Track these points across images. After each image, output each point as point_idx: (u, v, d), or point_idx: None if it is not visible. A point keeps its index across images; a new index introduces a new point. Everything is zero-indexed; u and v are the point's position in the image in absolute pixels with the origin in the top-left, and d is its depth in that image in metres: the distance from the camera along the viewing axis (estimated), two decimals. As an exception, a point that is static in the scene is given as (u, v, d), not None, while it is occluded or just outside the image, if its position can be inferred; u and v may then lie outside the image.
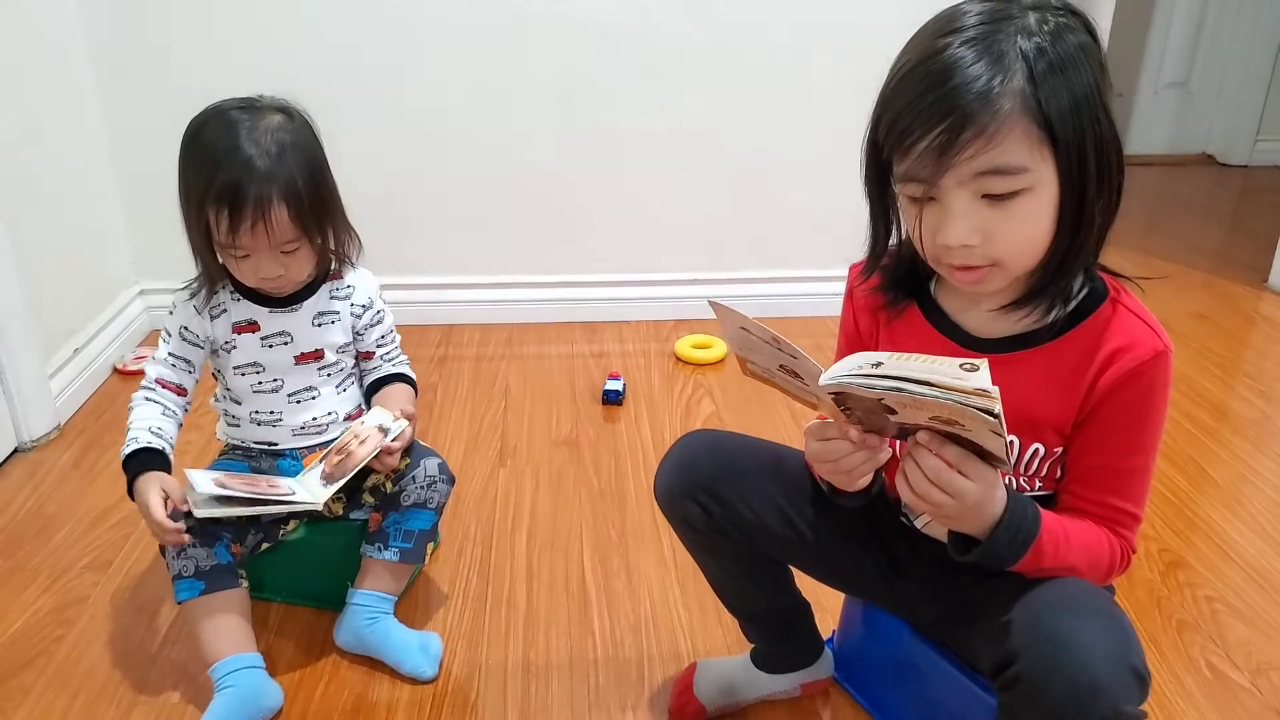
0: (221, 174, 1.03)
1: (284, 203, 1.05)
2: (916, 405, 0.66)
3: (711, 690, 1.08)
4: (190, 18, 1.89)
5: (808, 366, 0.71)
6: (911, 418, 0.68)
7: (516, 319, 2.15)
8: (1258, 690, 1.13)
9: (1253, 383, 1.91)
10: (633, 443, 1.66)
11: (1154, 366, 0.75)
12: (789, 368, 0.73)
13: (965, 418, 0.64)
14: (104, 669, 1.16)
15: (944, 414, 0.65)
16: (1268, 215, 2.81)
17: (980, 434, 0.66)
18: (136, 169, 1.98)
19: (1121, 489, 0.79)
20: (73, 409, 1.75)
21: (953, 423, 0.66)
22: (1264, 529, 1.44)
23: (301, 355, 1.18)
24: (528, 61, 1.97)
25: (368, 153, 1.95)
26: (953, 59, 0.69)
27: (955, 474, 0.69)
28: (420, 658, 1.14)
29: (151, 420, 1.13)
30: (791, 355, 0.71)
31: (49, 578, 1.32)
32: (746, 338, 0.75)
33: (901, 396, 0.65)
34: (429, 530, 1.18)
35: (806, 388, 0.74)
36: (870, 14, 1.94)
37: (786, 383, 0.77)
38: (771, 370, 0.77)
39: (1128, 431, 0.77)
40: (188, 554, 1.08)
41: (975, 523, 0.73)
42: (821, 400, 0.73)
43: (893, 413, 0.69)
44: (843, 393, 0.69)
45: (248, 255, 1.08)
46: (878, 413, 0.70)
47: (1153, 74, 3.43)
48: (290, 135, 1.08)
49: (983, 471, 0.70)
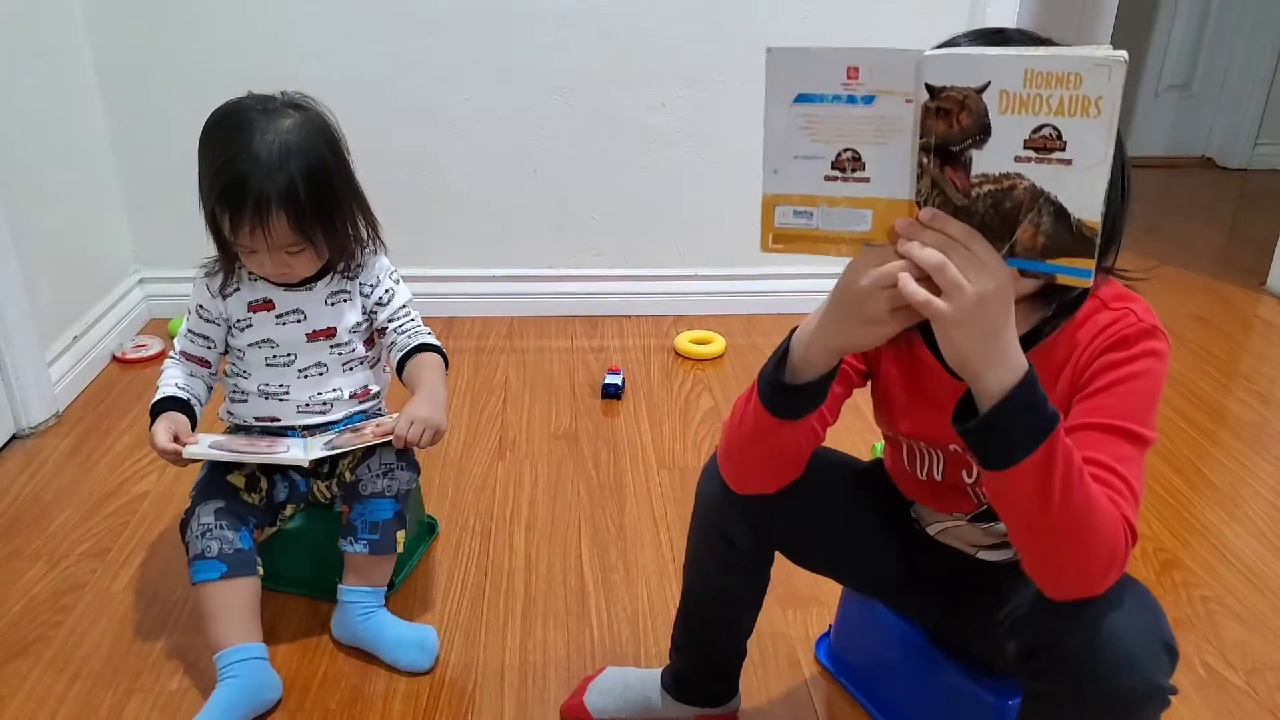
0: (225, 175, 1.06)
1: (282, 210, 1.06)
2: (1025, 100, 0.58)
3: (603, 699, 1.07)
4: (191, 4, 1.88)
5: (899, 65, 0.61)
6: (1004, 143, 0.59)
7: (516, 312, 2.15)
8: (1253, 691, 1.14)
9: (1251, 385, 1.91)
10: (631, 437, 1.67)
11: (1140, 338, 0.73)
12: (848, 152, 0.64)
13: (1080, 104, 0.56)
14: (101, 655, 1.16)
15: (1054, 104, 0.57)
16: (1267, 218, 2.81)
17: (1082, 160, 0.57)
18: (137, 156, 1.97)
19: (1115, 451, 0.71)
20: (71, 396, 1.75)
21: (1051, 144, 0.58)
22: (1260, 531, 1.44)
23: (314, 333, 1.20)
24: (529, 56, 1.97)
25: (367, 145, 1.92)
26: (964, 42, 0.71)
27: (961, 248, 0.61)
28: (416, 653, 1.14)
29: (178, 378, 1.20)
30: (872, 70, 0.61)
31: (47, 564, 1.32)
32: (795, 126, 0.65)
33: (1015, 62, 0.57)
34: (393, 520, 1.16)
35: (863, 184, 0.64)
36: (875, 9, 1.95)
37: (830, 204, 0.66)
38: (814, 189, 0.66)
39: (1116, 395, 0.73)
40: (213, 534, 1.09)
41: (988, 340, 0.62)
42: (877, 201, 0.64)
43: (983, 138, 0.60)
44: (941, 95, 0.60)
45: (253, 252, 1.10)
46: (966, 138, 0.60)
47: (1153, 76, 3.44)
48: (298, 137, 1.08)
49: (992, 254, 0.61)
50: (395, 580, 1.25)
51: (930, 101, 0.61)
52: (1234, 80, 3.38)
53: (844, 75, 0.62)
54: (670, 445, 1.64)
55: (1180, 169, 3.46)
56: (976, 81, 0.59)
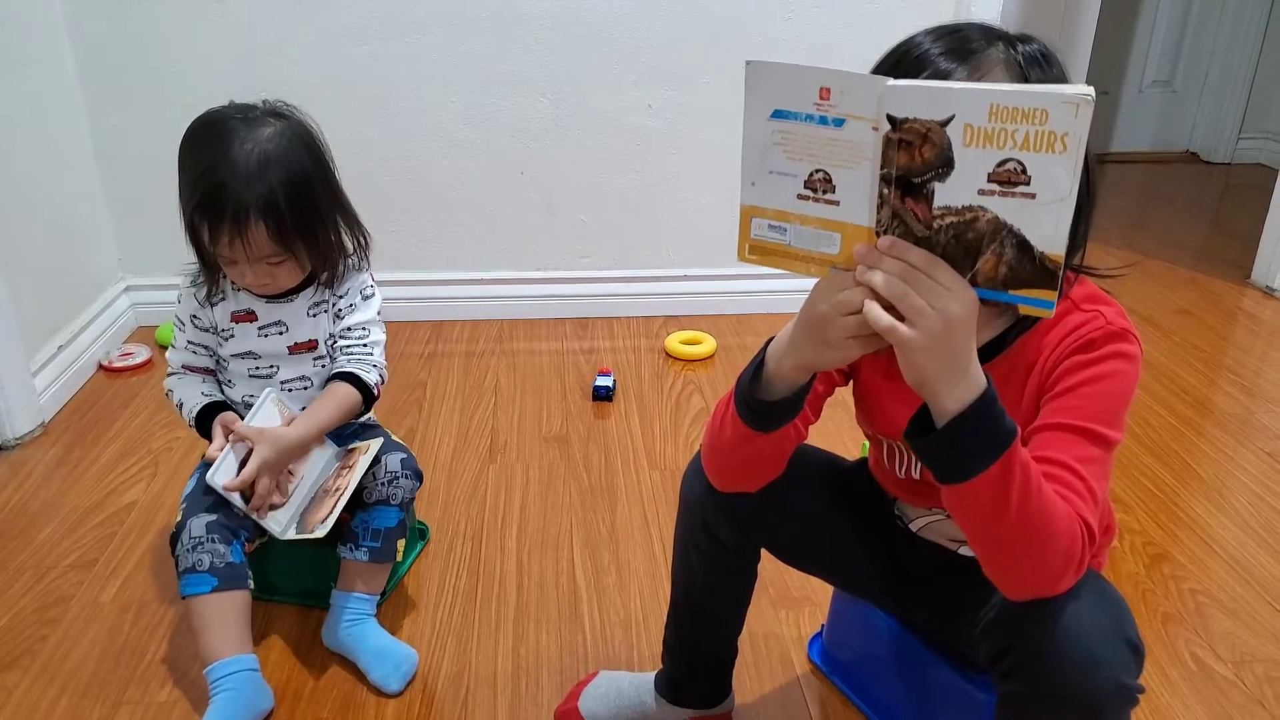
0: (204, 185, 1.05)
1: (261, 220, 1.05)
2: (990, 134, 0.57)
3: (598, 704, 1.06)
4: (175, 10, 1.87)
5: (865, 89, 0.59)
6: (967, 177, 0.58)
7: (506, 315, 2.15)
8: (1241, 682, 1.15)
9: (1235, 378, 1.93)
10: (623, 439, 1.66)
11: (1108, 340, 0.73)
12: (820, 173, 0.63)
13: (1046, 139, 0.55)
14: (89, 668, 1.15)
15: (1019, 139, 0.56)
16: (1250, 212, 2.83)
17: (1047, 195, 0.56)
18: (122, 163, 1.96)
19: (1078, 451, 0.70)
20: (57, 406, 1.74)
21: (1015, 178, 0.57)
22: (1247, 523, 1.45)
23: (295, 345, 1.19)
24: (516, 58, 1.97)
25: (356, 149, 1.93)
26: (926, 41, 0.72)
27: (923, 276, 0.60)
28: (390, 670, 1.12)
29: (200, 388, 1.20)
30: (842, 92, 0.60)
31: (33, 577, 1.31)
32: (771, 143, 0.64)
33: (980, 97, 0.56)
34: (396, 528, 1.17)
35: (833, 207, 0.63)
36: (856, 8, 1.95)
37: (802, 223, 0.65)
38: (788, 206, 0.65)
39: (1082, 396, 0.73)
40: (204, 547, 1.07)
41: (949, 363, 0.62)
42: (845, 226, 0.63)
43: (946, 171, 0.59)
44: (904, 126, 0.59)
45: (234, 263, 1.09)
46: (928, 170, 0.59)
47: (1137, 72, 3.46)
48: (278, 146, 1.07)
49: (955, 279, 0.60)
50: (387, 588, 1.24)
51: (892, 132, 0.60)
52: (1216, 76, 3.40)
53: (817, 95, 0.62)
54: (661, 446, 1.64)
55: (1164, 164, 3.49)
56: (940, 114, 0.58)
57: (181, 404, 1.19)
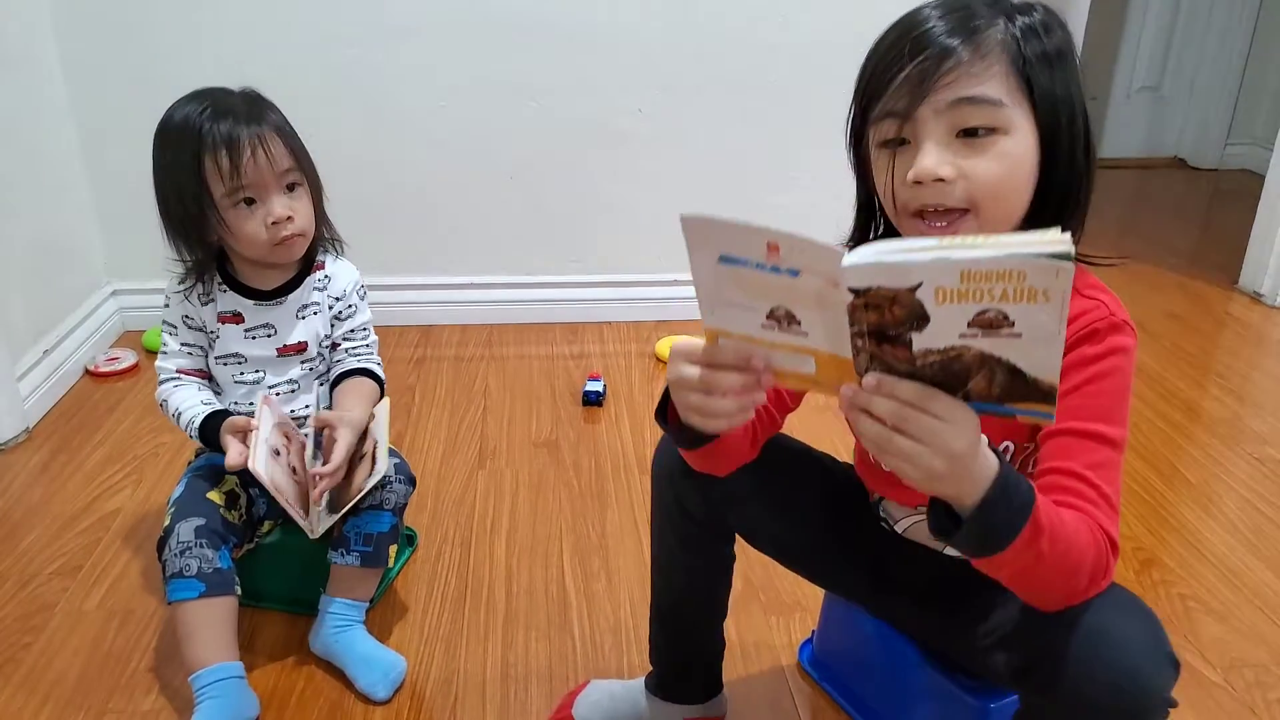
0: (210, 127, 1.07)
1: (276, 134, 1.10)
2: (964, 292, 0.53)
3: (592, 711, 1.06)
4: (161, 13, 1.86)
5: (818, 259, 0.55)
6: (945, 326, 0.55)
7: (496, 319, 2.14)
8: (1231, 687, 1.15)
9: (1224, 382, 1.94)
10: (613, 444, 1.66)
11: (1110, 332, 0.74)
12: (781, 309, 0.59)
13: (1027, 293, 0.52)
14: (73, 676, 1.14)
15: (997, 294, 0.53)
16: (1237, 217, 2.85)
17: (1034, 335, 0.54)
18: (108, 168, 1.94)
19: (1090, 458, 0.71)
20: (42, 411, 1.72)
21: (998, 323, 0.54)
22: (1236, 527, 1.46)
23: (284, 348, 1.18)
24: (504, 62, 1.96)
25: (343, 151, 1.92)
26: (932, 17, 0.73)
27: (919, 413, 0.58)
28: (378, 677, 1.11)
29: (199, 396, 1.17)
30: (791, 251, 0.56)
31: (16, 584, 1.30)
32: (723, 279, 0.60)
33: (948, 266, 0.53)
34: (388, 533, 1.16)
35: (802, 337, 0.60)
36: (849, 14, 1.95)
37: (771, 348, 0.62)
38: (753, 332, 0.62)
39: (1087, 395, 0.73)
40: (192, 552, 1.06)
41: (958, 483, 0.61)
42: (819, 353, 0.60)
43: (922, 323, 0.55)
44: (867, 294, 0.55)
45: (255, 201, 1.10)
46: (901, 325, 0.56)
47: (1125, 78, 3.48)
48: (259, 97, 1.14)
49: (954, 409, 0.58)
50: (375, 594, 1.23)
51: (858, 300, 0.56)
52: (1203, 82, 3.42)
53: (764, 250, 0.57)
54: (652, 451, 1.63)
55: (1152, 169, 3.51)
56: (906, 283, 0.54)
57: (179, 414, 1.16)
